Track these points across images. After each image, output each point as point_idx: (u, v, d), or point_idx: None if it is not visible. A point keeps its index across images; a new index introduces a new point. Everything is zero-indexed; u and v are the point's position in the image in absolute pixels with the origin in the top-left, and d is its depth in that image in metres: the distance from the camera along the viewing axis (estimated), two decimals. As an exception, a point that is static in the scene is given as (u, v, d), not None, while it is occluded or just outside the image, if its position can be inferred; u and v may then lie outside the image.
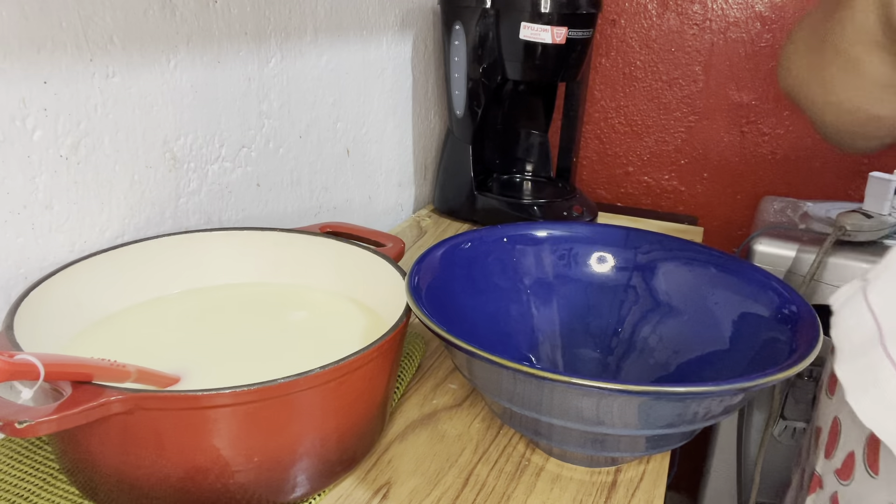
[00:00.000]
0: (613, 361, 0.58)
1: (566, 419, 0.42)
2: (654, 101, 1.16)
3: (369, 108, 0.86)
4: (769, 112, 1.10)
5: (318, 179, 0.79)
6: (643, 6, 1.12)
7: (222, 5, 0.61)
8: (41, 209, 0.49)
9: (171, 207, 0.60)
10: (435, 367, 0.61)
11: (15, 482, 0.44)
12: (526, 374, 0.40)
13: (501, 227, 0.61)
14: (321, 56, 0.75)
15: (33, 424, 0.32)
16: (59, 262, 0.51)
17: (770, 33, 1.06)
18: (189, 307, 0.56)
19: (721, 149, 1.15)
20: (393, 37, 0.88)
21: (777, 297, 0.51)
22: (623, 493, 0.48)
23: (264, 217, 0.72)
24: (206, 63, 0.61)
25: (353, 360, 0.40)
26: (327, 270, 0.59)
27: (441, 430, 0.53)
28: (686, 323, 0.56)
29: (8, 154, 0.46)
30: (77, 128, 0.51)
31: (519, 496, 0.47)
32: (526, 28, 0.81)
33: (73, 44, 0.49)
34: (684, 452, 0.93)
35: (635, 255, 0.61)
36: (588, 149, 1.22)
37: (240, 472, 0.39)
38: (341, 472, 0.45)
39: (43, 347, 0.43)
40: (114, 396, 0.35)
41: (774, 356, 0.46)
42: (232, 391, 0.36)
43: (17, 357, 0.32)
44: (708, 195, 1.18)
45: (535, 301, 0.60)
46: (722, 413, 0.43)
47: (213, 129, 0.63)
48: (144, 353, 0.48)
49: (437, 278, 0.54)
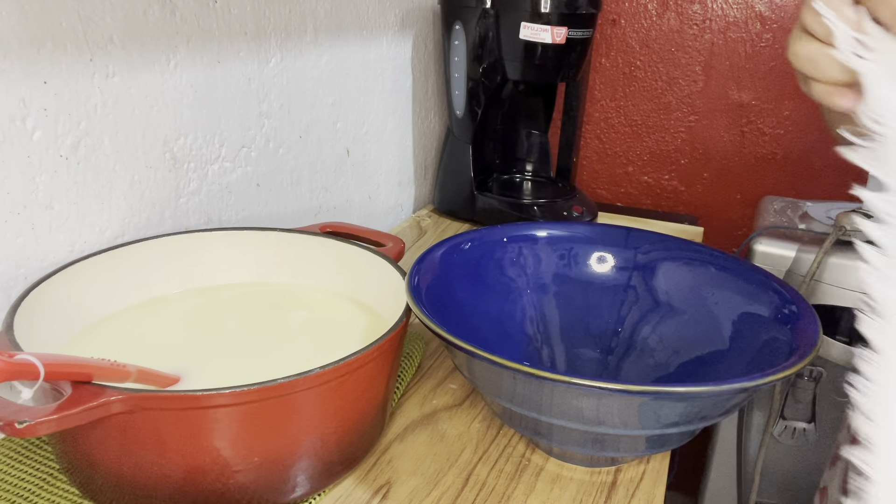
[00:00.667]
0: (613, 361, 0.58)
1: (566, 419, 0.42)
2: (654, 101, 1.16)
3: (369, 108, 0.86)
4: (769, 112, 1.10)
5: (318, 179, 0.79)
6: (643, 6, 1.12)
7: (222, 5, 0.61)
8: (41, 209, 0.49)
9: (171, 207, 0.60)
10: (435, 367, 0.61)
11: (15, 482, 0.44)
12: (526, 374, 0.40)
13: (501, 227, 0.61)
14: (321, 56, 0.75)
15: (33, 424, 0.32)
16: (59, 262, 0.51)
17: (770, 33, 1.06)
18: (189, 307, 0.56)
19: (721, 149, 1.15)
20: (393, 37, 0.88)
21: (777, 297, 0.51)
22: (623, 493, 0.48)
23: (264, 217, 0.72)
24: (206, 63, 0.61)
25: (353, 360, 0.40)
26: (327, 270, 0.59)
27: (441, 430, 0.53)
28: (686, 323, 0.56)
29: (8, 154, 0.46)
30: (77, 128, 0.51)
31: (519, 496, 0.47)
32: (526, 28, 0.81)
33: (73, 44, 0.49)
34: (684, 452, 0.93)
35: (635, 255, 0.61)
36: (588, 149, 1.22)
37: (240, 472, 0.39)
38: (341, 472, 0.45)
39: (43, 347, 0.43)
40: (114, 396, 0.35)
41: (774, 356, 0.46)
42: (232, 391, 0.36)
43: (17, 357, 0.32)
44: (708, 195, 1.18)
45: (535, 301, 0.60)
46: (722, 413, 0.43)
47: (213, 129, 0.63)
48: (144, 353, 0.48)
49: (437, 278, 0.54)
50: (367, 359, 0.41)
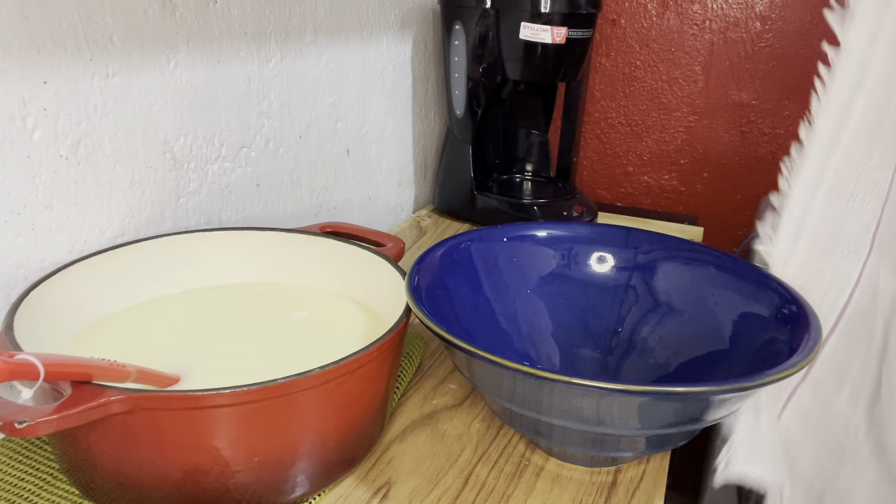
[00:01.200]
0: (613, 361, 0.58)
1: (566, 419, 0.42)
2: (654, 101, 1.16)
3: (369, 108, 0.86)
4: (769, 112, 1.10)
5: (317, 179, 0.79)
6: (643, 6, 1.12)
7: (222, 5, 0.61)
8: (41, 209, 0.49)
9: (171, 207, 0.60)
10: (435, 367, 0.61)
11: (15, 482, 0.44)
12: (526, 374, 0.40)
13: (501, 228, 0.61)
14: (321, 56, 0.75)
15: (33, 424, 0.32)
16: (59, 262, 0.51)
17: (770, 33, 1.06)
18: (189, 307, 0.56)
19: (721, 149, 1.15)
20: (393, 37, 0.88)
21: (777, 297, 0.51)
22: (623, 493, 0.48)
23: (264, 217, 0.72)
24: (206, 63, 0.61)
25: (353, 360, 0.40)
26: (327, 270, 0.59)
27: (441, 430, 0.53)
28: (686, 323, 0.56)
29: (8, 154, 0.47)
30: (77, 128, 0.51)
31: (519, 496, 0.47)
32: (526, 28, 0.81)
33: (73, 44, 0.49)
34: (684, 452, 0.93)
35: (635, 255, 0.61)
36: (588, 149, 1.22)
37: (240, 472, 0.39)
38: (341, 472, 0.45)
39: (43, 347, 0.43)
40: (114, 396, 0.35)
41: (774, 356, 0.46)
42: (232, 391, 0.36)
43: (17, 357, 0.32)
44: (708, 195, 1.18)
45: (534, 301, 0.60)
46: (722, 413, 0.43)
47: (213, 129, 0.63)
48: (144, 353, 0.48)
49: (437, 278, 0.54)
50: (367, 359, 0.41)
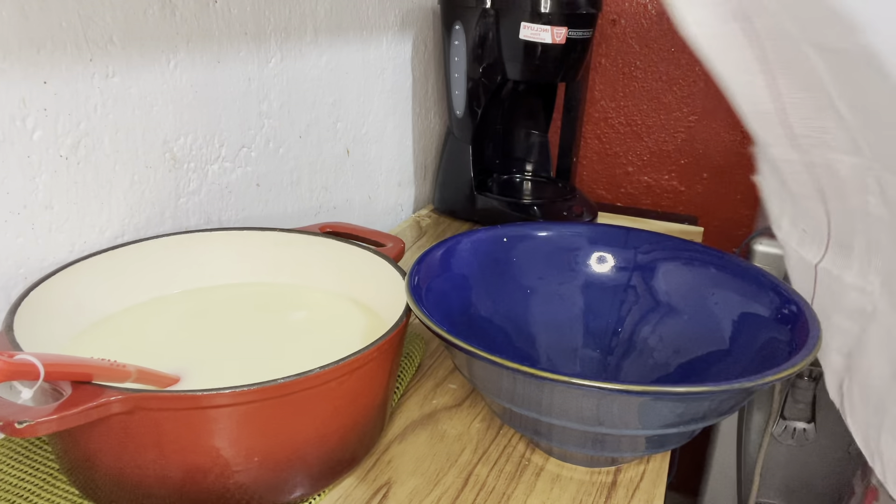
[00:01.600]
0: (613, 361, 0.58)
1: (566, 419, 0.42)
2: (654, 101, 1.16)
3: (369, 108, 0.86)
4: (769, 112, 1.10)
5: (317, 179, 0.79)
6: (643, 6, 1.12)
7: (222, 5, 0.61)
8: (41, 209, 0.49)
9: (171, 207, 0.60)
10: (435, 367, 0.61)
11: (15, 482, 0.44)
12: (526, 374, 0.40)
13: (501, 227, 0.61)
14: (321, 56, 0.75)
15: (33, 424, 0.32)
16: (59, 262, 0.51)
17: (770, 33, 1.06)
18: (189, 307, 0.56)
19: (721, 149, 1.15)
20: (393, 37, 0.88)
21: (777, 297, 0.51)
22: (623, 493, 0.48)
23: (264, 217, 0.72)
24: (206, 63, 0.61)
25: (353, 360, 0.40)
26: (327, 270, 0.59)
27: (441, 430, 0.53)
28: (686, 323, 0.56)
29: (8, 154, 0.46)
30: (77, 128, 0.51)
31: (519, 496, 0.47)
32: (526, 28, 0.81)
33: (73, 44, 0.49)
34: (684, 452, 0.93)
35: (635, 255, 0.61)
36: (588, 149, 1.22)
37: (240, 472, 0.39)
38: (341, 472, 0.45)
39: (43, 347, 0.43)
40: (114, 396, 0.35)
41: (774, 356, 0.46)
42: (232, 391, 0.36)
43: (17, 357, 0.32)
44: (708, 195, 1.18)
45: (534, 301, 0.60)
46: (722, 413, 0.43)
47: (213, 129, 0.63)
48: (144, 353, 0.48)
49: (437, 278, 0.54)
50: (367, 359, 0.41)
